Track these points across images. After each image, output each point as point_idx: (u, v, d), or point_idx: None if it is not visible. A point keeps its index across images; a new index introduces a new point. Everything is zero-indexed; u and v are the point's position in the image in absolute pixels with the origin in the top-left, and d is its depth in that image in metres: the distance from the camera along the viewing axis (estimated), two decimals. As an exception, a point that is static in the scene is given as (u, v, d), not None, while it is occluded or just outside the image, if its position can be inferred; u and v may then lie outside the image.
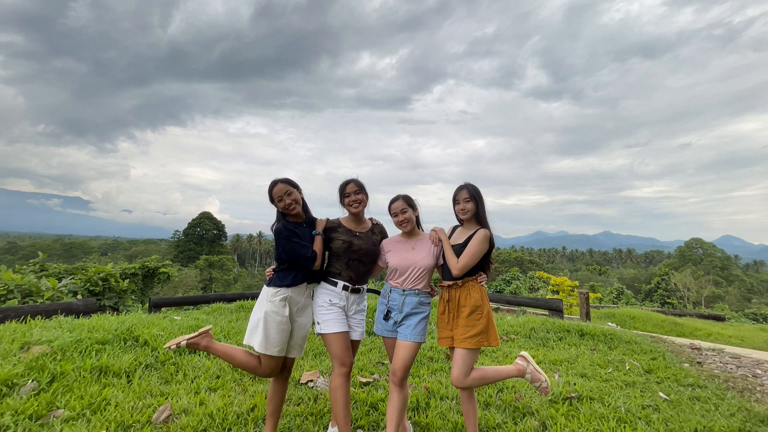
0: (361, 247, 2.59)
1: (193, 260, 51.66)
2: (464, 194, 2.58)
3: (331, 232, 2.64)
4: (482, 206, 2.57)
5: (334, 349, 2.45)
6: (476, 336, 2.38)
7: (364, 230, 2.69)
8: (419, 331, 2.50)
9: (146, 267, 13.51)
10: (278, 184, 2.50)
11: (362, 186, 2.64)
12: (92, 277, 8.77)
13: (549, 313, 8.22)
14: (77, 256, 56.08)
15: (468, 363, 2.39)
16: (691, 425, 2.87)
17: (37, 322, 4.24)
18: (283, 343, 2.42)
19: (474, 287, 2.48)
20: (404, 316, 2.51)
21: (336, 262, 2.61)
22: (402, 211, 2.56)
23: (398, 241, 2.68)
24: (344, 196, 2.63)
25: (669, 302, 39.15)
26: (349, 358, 2.48)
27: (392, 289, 2.58)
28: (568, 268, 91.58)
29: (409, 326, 2.49)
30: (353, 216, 2.68)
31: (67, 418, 2.55)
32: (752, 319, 21.53)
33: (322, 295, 2.57)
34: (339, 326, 2.48)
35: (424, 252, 2.57)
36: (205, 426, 2.64)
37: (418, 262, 2.54)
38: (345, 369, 2.43)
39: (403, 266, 2.55)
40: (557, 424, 2.84)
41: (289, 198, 2.48)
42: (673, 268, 52.43)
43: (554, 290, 22.74)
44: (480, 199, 2.57)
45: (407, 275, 2.54)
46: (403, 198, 2.60)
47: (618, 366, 4.29)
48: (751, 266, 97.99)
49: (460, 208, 2.59)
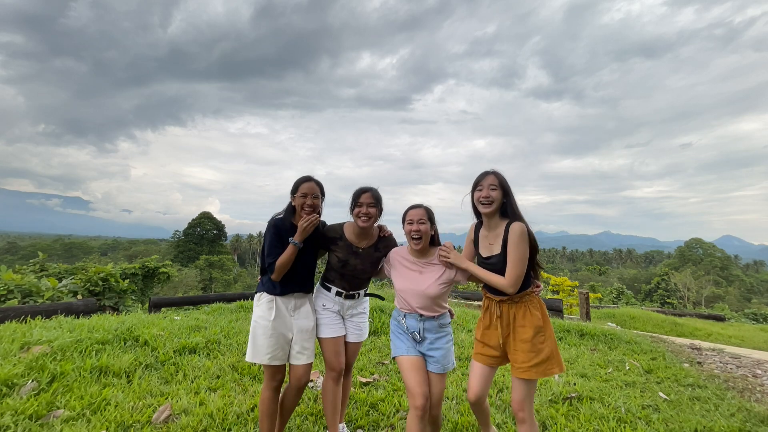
0: (356, 266, 2.42)
1: (193, 260, 51.67)
2: (491, 179, 2.09)
3: (331, 243, 2.46)
4: (510, 198, 2.09)
5: (325, 352, 2.44)
6: (542, 364, 1.98)
7: (368, 246, 2.46)
8: (451, 357, 2.27)
9: (146, 267, 13.50)
10: (312, 182, 2.35)
11: (379, 198, 2.37)
12: (92, 277, 8.78)
13: (549, 313, 8.22)
14: (77, 256, 56.08)
15: (531, 392, 2.04)
16: (691, 425, 2.87)
17: (37, 322, 4.25)
18: (274, 349, 2.26)
19: (533, 302, 2.08)
20: (429, 343, 2.23)
21: (331, 271, 2.51)
22: (420, 221, 2.22)
23: (406, 258, 2.34)
24: (356, 206, 2.34)
25: (669, 302, 39.17)
26: (339, 362, 2.42)
27: (406, 315, 2.28)
28: (568, 268, 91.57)
29: (438, 359, 2.21)
30: (360, 229, 2.40)
31: (67, 418, 2.56)
32: (752, 319, 21.52)
33: (318, 298, 2.54)
34: (331, 331, 2.43)
35: (432, 280, 2.23)
36: (205, 426, 2.64)
37: (425, 291, 2.21)
38: (334, 373, 2.40)
39: (408, 293, 2.26)
40: (557, 424, 2.84)
41: (313, 201, 2.32)
42: (673, 268, 52.43)
43: (554, 290, 22.72)
44: (509, 189, 2.10)
45: (415, 303, 2.25)
46: (426, 208, 2.27)
47: (618, 366, 4.29)
48: (751, 266, 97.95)
49: (483, 195, 2.08)
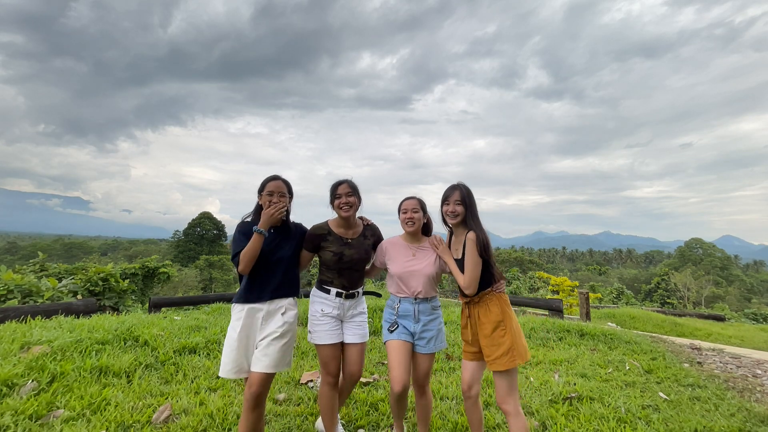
0: (352, 257, 2.47)
1: (193, 260, 51.64)
2: (456, 195, 2.38)
3: (320, 240, 2.48)
4: (473, 210, 2.37)
5: (322, 359, 2.44)
6: (504, 356, 2.18)
7: (356, 235, 2.54)
8: (442, 339, 2.48)
9: (146, 267, 13.51)
10: (278, 181, 2.36)
11: (356, 188, 2.47)
12: (92, 277, 8.78)
13: (549, 313, 8.22)
14: (77, 256, 56.06)
15: (510, 384, 2.20)
16: (691, 425, 2.87)
17: (37, 322, 4.25)
18: (234, 363, 2.19)
19: (492, 300, 2.30)
20: (423, 325, 2.42)
21: (327, 271, 2.50)
22: (413, 209, 2.47)
23: (399, 245, 2.55)
24: (335, 198, 2.44)
25: (669, 302, 39.18)
26: (337, 369, 2.44)
27: (401, 299, 2.46)
28: (568, 268, 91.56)
29: (431, 338, 2.43)
30: (343, 220, 2.49)
31: (67, 418, 2.56)
32: (752, 319, 21.53)
33: (314, 304, 2.52)
34: (329, 338, 2.42)
35: (427, 260, 2.46)
36: (205, 426, 2.64)
37: (421, 271, 2.43)
38: (330, 378, 2.41)
39: (406, 276, 2.44)
40: (557, 424, 2.84)
41: (279, 198, 2.31)
42: (673, 268, 52.42)
43: (554, 290, 22.73)
44: (472, 202, 2.38)
45: (413, 284, 2.43)
46: (418, 199, 2.52)
47: (618, 366, 4.28)
48: (751, 266, 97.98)
49: (449, 210, 2.38)
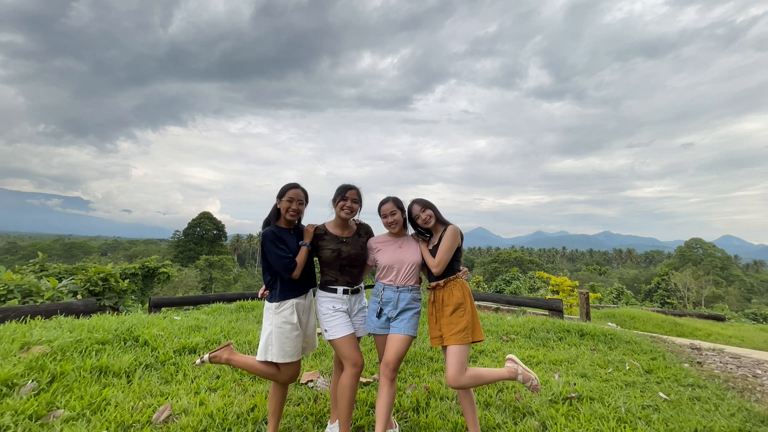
0: (350, 253, 2.64)
1: (193, 260, 51.63)
2: (418, 205, 2.69)
3: (318, 239, 2.67)
4: (437, 211, 2.71)
5: (346, 351, 2.51)
6: (460, 332, 2.46)
7: (351, 234, 2.73)
8: (413, 325, 2.60)
9: (146, 267, 13.52)
10: (299, 189, 2.57)
11: (361, 197, 2.70)
12: (92, 277, 8.78)
13: (549, 313, 8.22)
14: (77, 256, 56.08)
15: (460, 360, 2.44)
16: (691, 425, 2.87)
17: (37, 322, 4.25)
18: (298, 348, 2.52)
19: (456, 286, 2.58)
20: (399, 312, 2.60)
21: (329, 270, 2.66)
22: (391, 213, 2.66)
23: (385, 240, 2.76)
24: (342, 199, 2.63)
25: (669, 302, 39.16)
26: (361, 358, 2.54)
27: (385, 287, 2.65)
28: (568, 268, 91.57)
29: (403, 320, 2.58)
30: (341, 221, 2.69)
31: (67, 418, 2.56)
32: (752, 319, 21.53)
33: (324, 303, 2.64)
34: (347, 329, 2.56)
35: (412, 249, 2.69)
36: (205, 426, 2.64)
37: (407, 259, 2.64)
38: (357, 369, 2.49)
39: (393, 264, 2.64)
40: (557, 424, 2.84)
41: (298, 206, 2.56)
42: (673, 268, 52.39)
43: (554, 290, 22.73)
44: (434, 206, 2.71)
45: (399, 272, 2.63)
46: (393, 200, 2.70)
47: (618, 366, 4.28)
48: (751, 266, 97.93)
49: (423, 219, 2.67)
